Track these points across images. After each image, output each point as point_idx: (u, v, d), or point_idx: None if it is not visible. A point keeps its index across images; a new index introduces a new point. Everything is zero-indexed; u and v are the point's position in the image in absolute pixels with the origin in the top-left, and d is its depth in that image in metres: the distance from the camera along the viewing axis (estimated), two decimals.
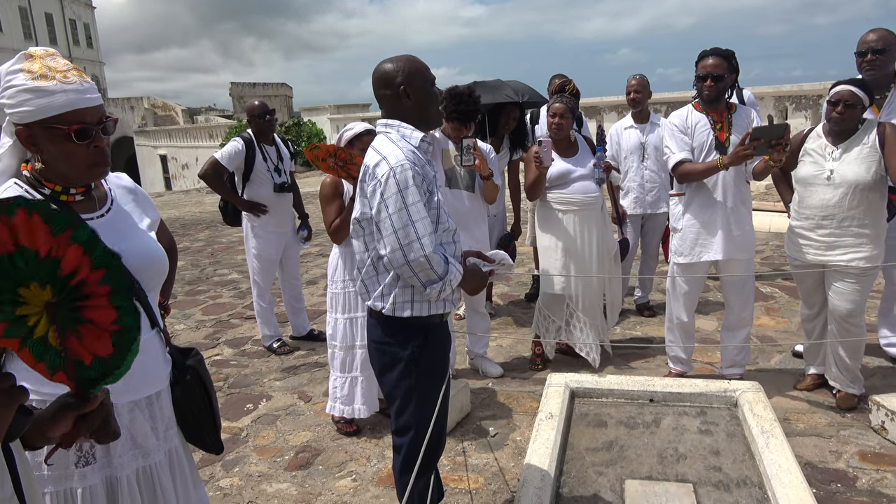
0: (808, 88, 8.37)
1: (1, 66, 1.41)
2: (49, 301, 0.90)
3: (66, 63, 1.42)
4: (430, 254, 1.89)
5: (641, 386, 2.88)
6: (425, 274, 1.92)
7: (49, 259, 0.88)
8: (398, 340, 2.06)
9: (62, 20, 41.91)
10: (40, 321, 0.90)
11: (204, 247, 8.58)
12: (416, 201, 1.89)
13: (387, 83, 2.02)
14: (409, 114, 2.04)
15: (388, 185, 1.89)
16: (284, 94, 29.61)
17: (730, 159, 3.16)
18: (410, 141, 2.00)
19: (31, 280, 0.87)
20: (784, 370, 3.86)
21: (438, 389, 2.10)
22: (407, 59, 2.03)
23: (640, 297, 5.02)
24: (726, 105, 3.41)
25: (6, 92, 1.37)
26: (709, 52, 3.33)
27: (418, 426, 2.09)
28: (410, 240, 1.88)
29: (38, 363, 0.91)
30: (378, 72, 2.04)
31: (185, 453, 1.68)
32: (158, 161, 30.86)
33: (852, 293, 3.15)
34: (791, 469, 2.18)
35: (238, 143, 4.28)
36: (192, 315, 5.59)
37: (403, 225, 1.88)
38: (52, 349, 0.92)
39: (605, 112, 10.97)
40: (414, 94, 2.01)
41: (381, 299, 2.04)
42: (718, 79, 3.29)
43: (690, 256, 3.46)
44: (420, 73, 2.02)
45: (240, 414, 3.68)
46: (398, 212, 1.89)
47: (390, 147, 1.95)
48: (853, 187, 3.06)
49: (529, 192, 3.82)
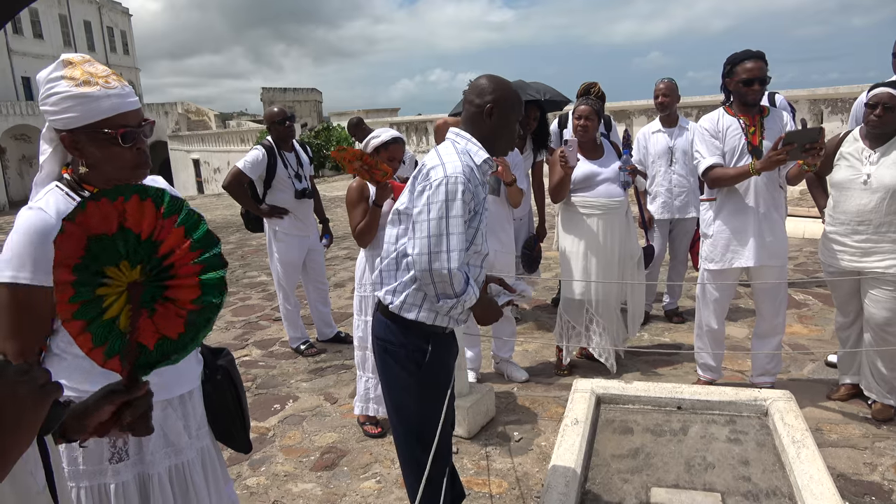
0: (844, 91, 8.18)
1: (39, 73, 1.43)
2: (134, 281, 0.94)
3: (105, 69, 1.46)
4: (453, 269, 1.90)
5: (669, 393, 2.84)
6: (443, 286, 1.94)
7: (150, 241, 0.93)
8: (399, 341, 2.08)
9: (100, 27, 43.09)
10: (116, 302, 0.94)
11: (234, 249, 8.72)
12: (457, 215, 1.90)
13: (479, 94, 2.04)
14: (484, 133, 2.06)
15: (438, 190, 1.91)
16: (314, 100, 29.98)
17: (762, 164, 3.09)
18: (474, 158, 2.02)
19: (124, 259, 0.92)
20: (817, 380, 3.77)
21: (435, 396, 2.11)
22: (507, 86, 2.06)
23: (669, 304, 4.96)
24: (759, 108, 3.35)
25: (49, 99, 1.39)
26: (748, 55, 3.23)
27: (410, 429, 2.14)
28: (440, 249, 1.90)
29: (96, 348, 0.95)
30: (478, 81, 2.08)
31: (216, 452, 1.72)
32: (191, 165, 31.50)
33: (889, 301, 3.07)
34: (823, 480, 2.13)
35: (259, 150, 4.31)
36: (223, 316, 5.69)
37: (439, 233, 1.90)
38: (116, 332, 0.95)
39: (635, 116, 10.87)
40: (496, 119, 2.03)
41: (393, 294, 2.05)
42: (764, 81, 3.21)
43: (722, 263, 3.40)
44: (511, 104, 2.05)
45: (267, 414, 3.73)
46: (438, 219, 1.90)
47: (452, 156, 1.97)
48: (891, 192, 2.98)
49: (554, 194, 3.80)
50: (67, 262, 0.90)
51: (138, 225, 0.92)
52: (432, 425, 2.06)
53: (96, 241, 0.90)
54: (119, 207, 0.91)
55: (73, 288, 0.90)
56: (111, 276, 0.92)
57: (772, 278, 3.39)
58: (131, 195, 0.92)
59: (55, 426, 0.98)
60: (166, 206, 0.95)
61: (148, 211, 0.93)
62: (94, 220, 0.90)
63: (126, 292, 0.94)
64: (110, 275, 0.92)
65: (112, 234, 0.90)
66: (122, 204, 0.91)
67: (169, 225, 0.95)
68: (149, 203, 0.93)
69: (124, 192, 0.92)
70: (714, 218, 3.42)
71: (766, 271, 3.38)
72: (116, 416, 1.03)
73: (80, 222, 0.90)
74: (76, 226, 0.90)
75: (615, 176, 3.75)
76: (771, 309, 3.46)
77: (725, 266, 3.40)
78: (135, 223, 0.92)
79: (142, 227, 0.92)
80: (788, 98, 5.02)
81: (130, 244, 0.92)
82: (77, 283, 0.90)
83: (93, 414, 1.02)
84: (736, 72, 3.25)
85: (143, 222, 0.93)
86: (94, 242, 0.90)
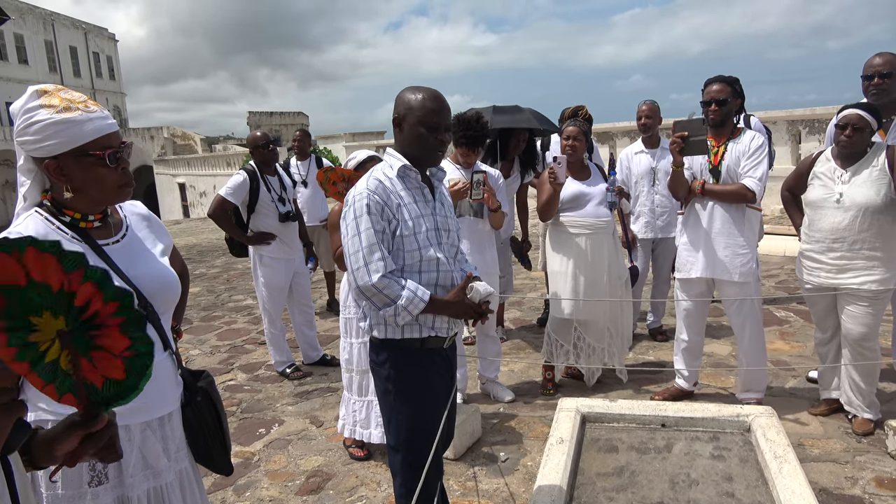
0: (820, 112, 8.37)
1: (11, 106, 1.45)
2: (62, 329, 0.93)
3: (81, 94, 1.49)
4: (374, 280, 1.94)
5: (653, 411, 2.86)
6: (377, 298, 1.98)
7: (63, 293, 0.91)
8: (378, 360, 2.14)
9: (86, 53, 43.09)
10: (51, 347, 0.93)
11: (220, 273, 8.68)
12: (368, 228, 1.95)
13: (394, 108, 2.10)
14: (402, 145, 2.11)
15: (348, 213, 2.00)
16: (301, 123, 30.18)
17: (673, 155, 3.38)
18: (392, 169, 2.07)
19: (45, 309, 0.90)
20: (799, 395, 3.81)
21: (420, 413, 2.13)
22: (416, 97, 2.05)
23: (653, 322, 5.00)
24: (732, 130, 3.44)
25: (30, 129, 1.40)
26: (713, 80, 3.41)
27: (398, 447, 2.16)
28: (358, 265, 1.96)
29: (47, 386, 0.94)
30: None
31: (195, 474, 1.71)
32: (177, 189, 31.38)
33: (865, 316, 3.13)
34: (805, 495, 2.15)
35: (241, 175, 4.30)
36: (208, 340, 5.65)
37: (355, 250, 1.97)
38: (61, 373, 0.95)
39: (618, 137, 11.02)
40: (406, 130, 2.07)
41: (365, 319, 2.13)
42: (722, 103, 3.35)
43: (683, 272, 3.61)
44: (418, 114, 2.03)
45: (252, 438, 3.70)
46: (352, 237, 1.97)
47: (363, 180, 2.04)
48: (863, 210, 3.06)
49: (543, 212, 3.84)
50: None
51: (46, 278, 0.89)
52: (419, 443, 2.07)
53: (11, 290, 0.87)
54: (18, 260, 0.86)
55: (6, 334, 0.87)
56: (38, 324, 0.90)
57: (734, 295, 3.47)
58: (24, 249, 0.86)
59: (18, 445, 0.98)
60: (67, 260, 0.91)
61: (50, 263, 0.89)
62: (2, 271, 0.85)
63: (57, 339, 0.93)
64: (37, 323, 0.90)
65: (24, 285, 0.87)
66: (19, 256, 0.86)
67: (77, 278, 0.92)
68: (49, 257, 0.89)
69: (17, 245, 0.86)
70: (681, 230, 3.64)
71: (726, 287, 3.49)
72: (82, 446, 1.03)
73: None
74: None
75: (602, 196, 3.81)
76: (738, 324, 3.55)
77: (685, 275, 3.58)
78: (42, 276, 0.88)
79: (50, 280, 0.89)
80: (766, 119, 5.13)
81: (45, 296, 0.89)
82: (8, 328, 0.87)
83: (61, 443, 1.02)
84: (703, 94, 3.44)
85: (50, 277, 0.89)
86: (10, 291, 0.87)
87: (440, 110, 2.04)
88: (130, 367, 1.01)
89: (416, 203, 2.07)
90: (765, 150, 3.34)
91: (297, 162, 6.00)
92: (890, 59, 3.43)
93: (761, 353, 3.57)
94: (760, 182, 3.29)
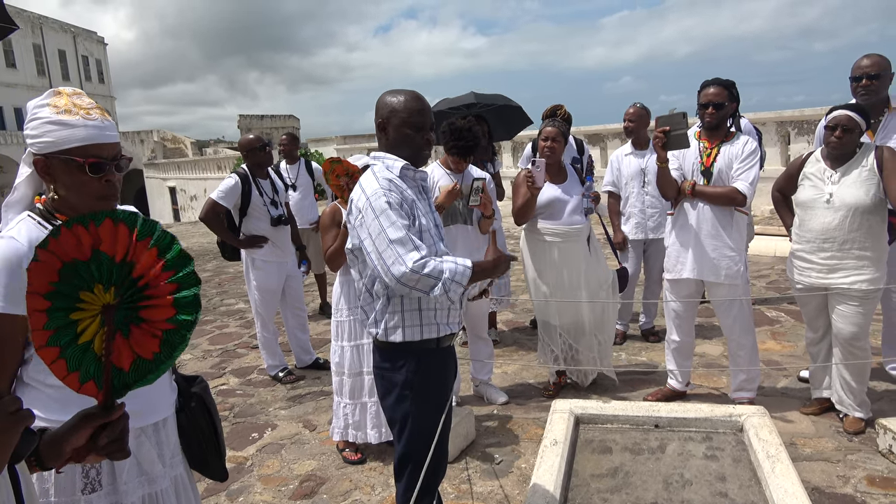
0: (809, 113, 8.44)
1: (29, 101, 1.49)
2: (108, 303, 0.96)
3: (91, 102, 1.50)
4: (412, 265, 1.89)
5: (646, 412, 2.86)
6: (421, 283, 1.92)
7: (123, 263, 0.96)
8: (393, 365, 2.10)
9: (75, 56, 42.81)
10: (90, 326, 0.95)
11: (211, 277, 8.64)
12: (394, 222, 1.93)
13: (376, 113, 2.10)
14: (388, 148, 2.11)
15: (367, 212, 1.96)
16: (292, 126, 30.11)
17: (657, 151, 3.35)
18: (392, 171, 2.06)
19: (98, 283, 0.94)
20: (790, 395, 3.84)
21: (436, 416, 2.11)
22: (395, 97, 2.07)
23: (645, 323, 5.02)
24: (726, 133, 3.45)
25: (31, 123, 1.45)
26: (711, 82, 3.39)
27: (416, 452, 2.10)
28: (394, 259, 1.91)
29: (70, 374, 0.95)
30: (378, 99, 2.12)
31: (189, 480, 1.70)
32: (167, 193, 31.23)
33: (855, 316, 3.15)
34: (797, 494, 2.16)
35: (233, 178, 4.29)
36: (199, 345, 5.61)
37: (385, 247, 1.93)
38: (90, 356, 0.96)
39: (609, 139, 11.07)
40: (392, 132, 2.07)
41: (376, 325, 2.09)
42: (719, 107, 3.34)
43: (672, 273, 3.60)
44: (402, 116, 2.05)
45: (245, 443, 3.68)
46: (378, 235, 1.93)
47: (370, 181, 2.02)
48: (853, 210, 3.08)
49: (518, 216, 3.76)
50: (41, 289, 0.91)
51: (112, 248, 0.94)
52: (427, 446, 2.06)
53: (70, 266, 0.91)
54: (93, 232, 0.92)
55: (47, 315, 0.91)
56: (85, 299, 0.94)
57: (723, 296, 3.49)
58: (103, 219, 0.94)
59: (26, 453, 0.97)
60: (139, 228, 0.97)
61: (121, 234, 0.95)
62: (67, 247, 0.92)
63: (100, 315, 0.96)
64: (84, 298, 0.94)
65: (86, 259, 0.92)
66: (95, 229, 0.93)
67: (142, 247, 0.97)
68: (122, 227, 0.95)
69: (96, 218, 0.94)
70: (670, 230, 3.61)
71: (715, 288, 3.50)
72: (93, 440, 1.03)
73: (53, 249, 0.91)
74: (49, 253, 0.91)
75: (578, 202, 3.78)
76: (727, 325, 3.56)
77: (675, 276, 3.57)
78: (109, 247, 0.94)
79: (115, 250, 0.95)
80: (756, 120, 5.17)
81: (104, 267, 0.94)
82: (51, 309, 0.91)
83: (69, 439, 1.02)
84: (699, 96, 3.41)
85: (117, 245, 0.95)
86: (68, 268, 0.91)
87: (423, 110, 2.08)
88: (168, 339, 1.03)
89: (419, 201, 2.09)
90: (758, 155, 3.36)
91: (287, 165, 5.99)
92: (878, 60, 3.46)
93: (753, 353, 3.59)
94: (752, 186, 3.30)
